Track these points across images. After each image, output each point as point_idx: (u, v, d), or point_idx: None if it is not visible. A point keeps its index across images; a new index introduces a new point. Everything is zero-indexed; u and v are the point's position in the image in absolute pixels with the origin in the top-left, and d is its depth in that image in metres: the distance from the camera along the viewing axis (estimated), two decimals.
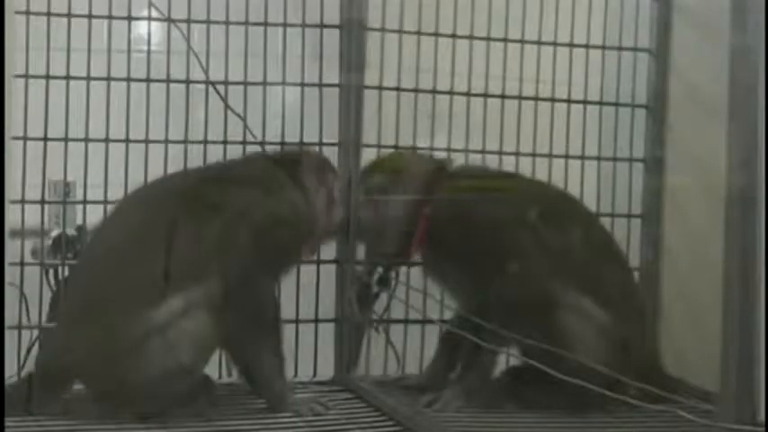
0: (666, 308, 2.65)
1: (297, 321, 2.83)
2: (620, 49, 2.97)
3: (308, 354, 2.81)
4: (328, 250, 2.85)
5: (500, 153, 2.89)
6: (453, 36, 2.88)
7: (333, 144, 2.83)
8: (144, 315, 2.31)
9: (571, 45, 2.94)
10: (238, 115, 2.81)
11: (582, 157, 2.94)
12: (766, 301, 1.82)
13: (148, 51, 2.83)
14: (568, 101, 2.92)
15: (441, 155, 2.83)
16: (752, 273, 1.82)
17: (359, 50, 2.83)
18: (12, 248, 2.58)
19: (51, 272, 2.87)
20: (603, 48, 2.98)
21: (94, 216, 2.71)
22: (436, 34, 2.88)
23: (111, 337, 2.31)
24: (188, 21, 2.81)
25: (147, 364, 2.31)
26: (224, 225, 2.40)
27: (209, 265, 2.36)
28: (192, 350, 2.38)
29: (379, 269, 3.10)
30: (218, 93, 2.81)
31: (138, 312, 2.31)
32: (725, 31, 1.84)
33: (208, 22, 2.80)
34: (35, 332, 2.76)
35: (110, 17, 2.76)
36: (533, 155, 2.90)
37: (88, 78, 2.75)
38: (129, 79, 2.76)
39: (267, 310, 2.48)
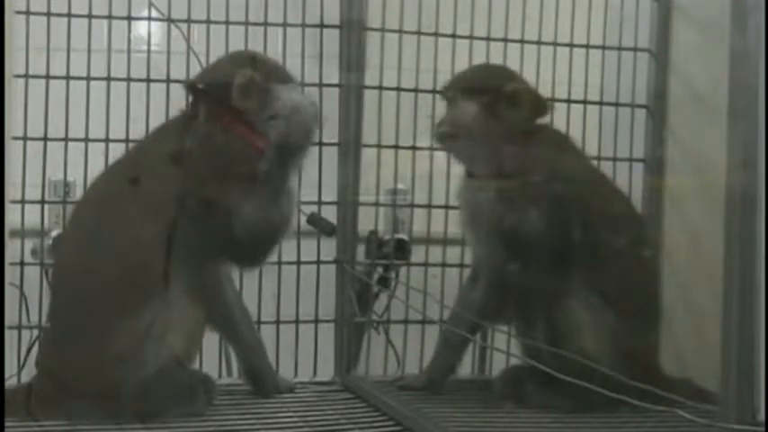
0: (666, 308, 2.65)
1: (297, 321, 2.83)
2: (620, 49, 2.97)
3: (308, 354, 2.81)
4: (328, 250, 2.85)
5: None
6: (453, 36, 2.89)
7: (333, 144, 2.83)
8: (129, 312, 2.33)
9: (571, 45, 2.94)
10: None
11: None
12: (766, 302, 1.82)
13: (148, 51, 2.84)
14: (568, 101, 2.92)
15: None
16: (752, 273, 1.82)
17: (359, 50, 2.84)
18: (12, 248, 2.58)
19: (51, 272, 2.87)
20: (603, 48, 2.98)
21: None
22: (436, 34, 2.89)
23: (100, 338, 2.32)
24: (188, 21, 2.81)
25: (139, 362, 2.32)
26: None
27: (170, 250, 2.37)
28: (181, 340, 2.40)
29: (379, 269, 3.11)
30: None
31: (122, 310, 2.33)
32: (725, 32, 1.84)
33: (208, 22, 2.81)
34: (35, 332, 2.76)
35: (110, 17, 2.76)
36: None
37: (88, 78, 2.75)
38: (129, 79, 2.76)
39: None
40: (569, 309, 2.53)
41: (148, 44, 2.86)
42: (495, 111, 2.60)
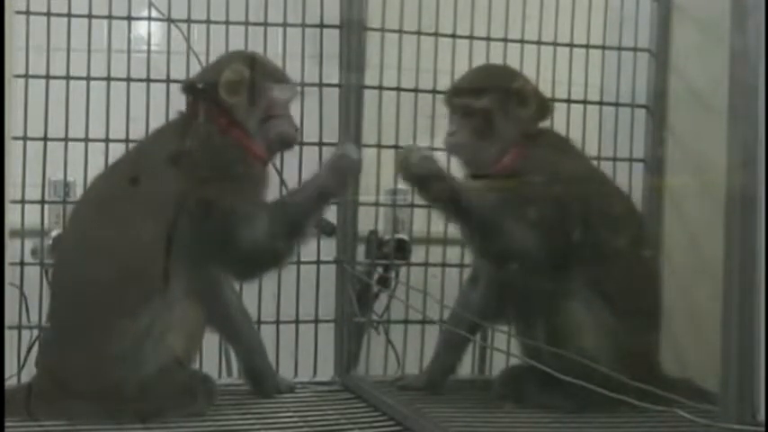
0: (666, 308, 2.65)
1: (297, 321, 2.83)
2: (620, 49, 2.97)
3: (308, 354, 2.81)
4: (328, 250, 2.85)
5: None
6: (453, 36, 2.89)
7: (333, 144, 2.82)
8: (129, 313, 2.33)
9: (571, 45, 2.94)
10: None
11: None
12: (766, 302, 1.82)
13: (148, 51, 2.84)
14: (568, 101, 2.92)
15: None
16: (752, 273, 1.82)
17: (359, 50, 2.84)
18: (12, 248, 2.58)
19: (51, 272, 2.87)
20: (603, 48, 2.98)
21: None
22: (436, 34, 2.89)
23: (100, 338, 2.32)
24: (188, 21, 2.81)
25: (139, 362, 2.33)
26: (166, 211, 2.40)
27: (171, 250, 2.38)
28: (181, 340, 2.40)
29: (379, 269, 3.11)
30: None
31: (122, 310, 2.33)
32: (725, 31, 1.84)
33: (208, 22, 2.81)
34: (35, 332, 2.76)
35: (110, 17, 2.76)
36: None
37: (88, 78, 2.75)
38: (129, 79, 2.77)
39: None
40: (569, 309, 2.53)
41: (148, 44, 2.86)
42: (505, 110, 2.60)
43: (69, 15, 2.73)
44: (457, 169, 2.74)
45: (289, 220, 2.48)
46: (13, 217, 2.55)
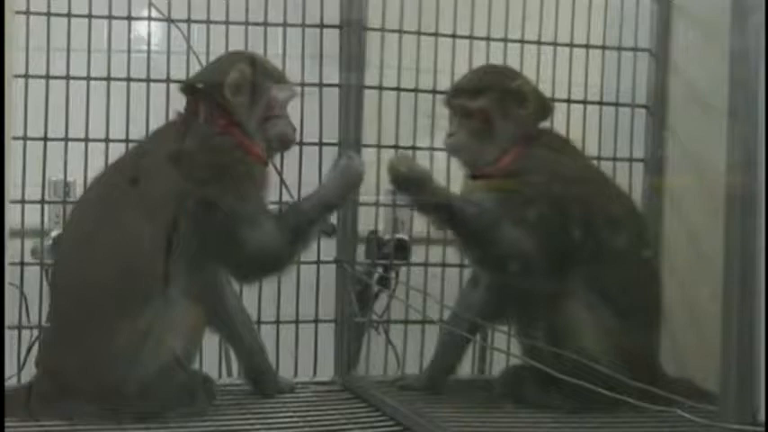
0: (666, 308, 2.65)
1: (297, 321, 2.83)
2: (620, 49, 2.98)
3: (308, 354, 2.81)
4: (328, 250, 2.85)
5: None
6: (453, 36, 2.89)
7: (333, 144, 2.83)
8: (129, 313, 2.33)
9: (571, 45, 2.95)
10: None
11: None
12: (766, 301, 1.82)
13: (148, 51, 2.83)
14: (568, 101, 2.92)
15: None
16: (752, 273, 1.82)
17: (359, 50, 2.84)
18: (12, 248, 2.58)
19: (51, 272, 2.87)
20: (603, 48, 2.98)
21: None
22: (436, 34, 2.89)
23: (100, 338, 2.32)
24: (188, 21, 2.81)
25: (139, 362, 2.33)
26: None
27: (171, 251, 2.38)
28: (181, 340, 2.40)
29: (379, 269, 3.11)
30: None
31: (122, 311, 2.33)
32: (725, 31, 1.84)
33: (208, 22, 2.81)
34: (35, 332, 2.76)
35: (110, 17, 2.77)
36: None
37: (88, 78, 2.75)
38: (129, 79, 2.77)
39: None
40: (569, 309, 2.53)
41: (148, 44, 2.85)
42: (504, 110, 2.60)
43: (69, 15, 2.73)
44: (457, 170, 2.75)
45: (293, 227, 2.48)
46: (13, 217, 2.55)
